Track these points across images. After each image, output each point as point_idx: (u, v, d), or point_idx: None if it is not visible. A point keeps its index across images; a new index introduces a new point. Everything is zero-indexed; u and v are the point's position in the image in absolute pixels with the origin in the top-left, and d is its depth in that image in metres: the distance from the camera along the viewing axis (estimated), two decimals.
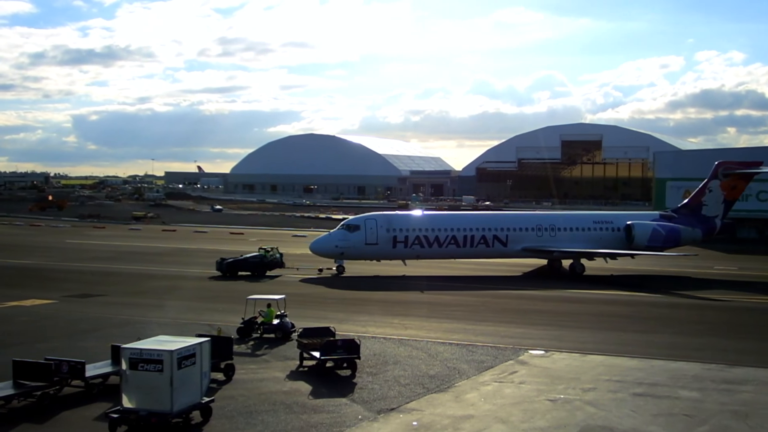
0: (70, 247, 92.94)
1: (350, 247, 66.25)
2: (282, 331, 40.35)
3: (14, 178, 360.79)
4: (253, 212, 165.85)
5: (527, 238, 70.28)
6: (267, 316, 41.18)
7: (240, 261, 66.68)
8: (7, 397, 27.60)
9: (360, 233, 66.36)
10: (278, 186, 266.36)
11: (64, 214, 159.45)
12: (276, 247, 69.24)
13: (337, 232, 67.94)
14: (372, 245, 66.40)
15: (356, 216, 72.65)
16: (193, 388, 25.71)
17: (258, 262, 66.43)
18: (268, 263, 66.58)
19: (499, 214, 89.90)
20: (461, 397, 29.24)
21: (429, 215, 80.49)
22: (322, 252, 67.73)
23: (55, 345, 37.04)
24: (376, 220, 67.96)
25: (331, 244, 67.18)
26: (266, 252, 67.31)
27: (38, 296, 53.78)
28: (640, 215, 77.40)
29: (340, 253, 66.65)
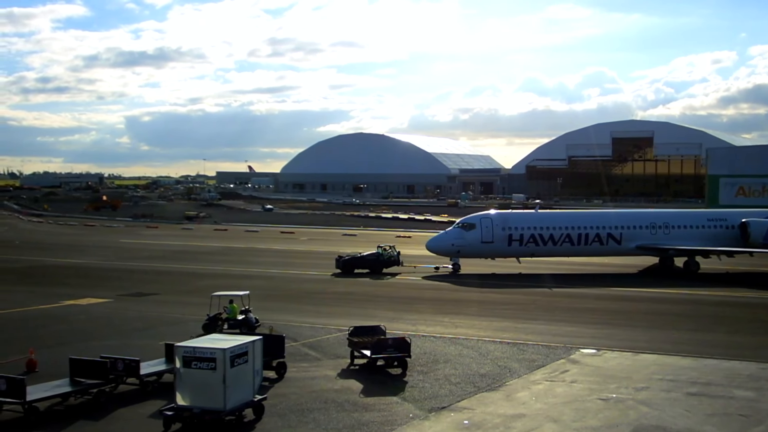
0: (124, 247, 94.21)
1: (466, 245, 66.59)
2: (246, 326, 41.04)
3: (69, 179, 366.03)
4: (303, 211, 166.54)
5: (641, 236, 69.62)
6: (231, 312, 41.74)
7: (357, 258, 67.53)
8: (64, 395, 28.10)
9: (476, 231, 66.70)
10: (328, 185, 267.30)
11: (117, 214, 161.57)
12: (393, 246, 69.61)
13: (453, 231, 68.51)
14: (488, 243, 66.67)
15: (472, 214, 72.80)
16: (246, 386, 25.92)
17: (375, 260, 66.96)
18: (385, 261, 67.00)
19: (612, 211, 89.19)
20: (512, 396, 29.14)
21: (544, 213, 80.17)
22: (439, 250, 68.39)
23: (110, 343, 37.58)
24: (491, 219, 68.33)
25: (448, 242, 67.72)
26: (383, 250, 67.66)
27: (93, 295, 54.63)
28: (753, 213, 75.70)
29: (456, 251, 67.00)
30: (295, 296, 54.85)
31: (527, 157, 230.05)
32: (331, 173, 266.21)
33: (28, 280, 63.83)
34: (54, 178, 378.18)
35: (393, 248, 68.66)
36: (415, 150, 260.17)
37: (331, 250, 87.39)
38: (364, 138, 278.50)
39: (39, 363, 32.86)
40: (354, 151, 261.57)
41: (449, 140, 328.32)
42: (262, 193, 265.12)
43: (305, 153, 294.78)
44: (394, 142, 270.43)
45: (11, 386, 26.16)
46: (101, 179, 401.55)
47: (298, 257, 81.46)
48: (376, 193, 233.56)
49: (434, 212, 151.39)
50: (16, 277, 65.25)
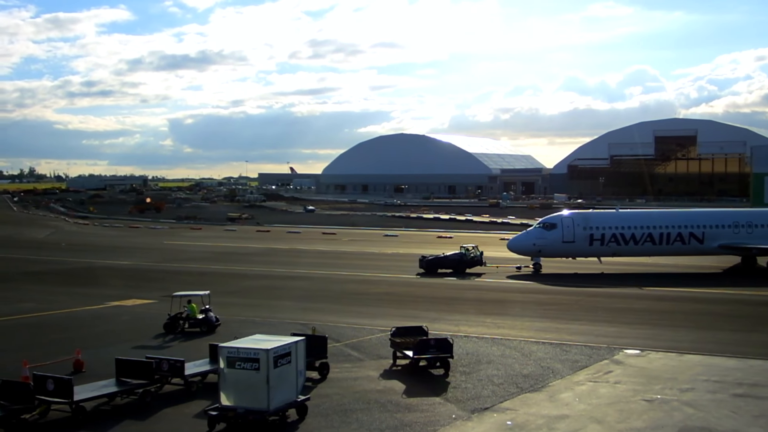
0: (168, 248, 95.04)
1: (547, 245, 66.70)
2: (206, 325, 42.17)
3: (114, 182, 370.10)
4: (344, 212, 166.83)
5: (724, 235, 68.84)
6: (191, 311, 42.62)
7: (440, 259, 67.64)
8: (110, 395, 28.48)
9: (557, 231, 66.73)
10: (369, 186, 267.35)
11: (161, 215, 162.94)
12: (476, 246, 69.53)
13: (535, 230, 68.69)
14: (569, 243, 66.66)
15: (553, 214, 72.79)
16: (289, 387, 26.06)
17: (458, 260, 67.05)
18: (468, 261, 67.03)
19: (694, 211, 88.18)
20: (555, 397, 29.01)
21: (625, 213, 79.59)
22: (520, 250, 68.47)
23: (155, 344, 37.99)
24: (573, 219, 68.24)
25: (529, 242, 67.87)
26: (466, 250, 67.68)
27: (138, 296, 55.24)
28: None
29: (537, 251, 67.11)
30: (337, 297, 55.02)
31: (569, 157, 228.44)
32: (372, 174, 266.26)
33: (74, 281, 64.67)
34: (99, 180, 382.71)
35: (476, 248, 68.52)
36: (456, 150, 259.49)
37: (372, 251, 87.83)
38: (405, 139, 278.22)
39: (86, 363, 33.31)
40: (395, 151, 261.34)
41: (490, 140, 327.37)
42: (304, 194, 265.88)
43: (346, 154, 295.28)
44: (434, 142, 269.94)
45: (59, 386, 26.54)
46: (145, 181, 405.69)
47: (341, 258, 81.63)
48: (417, 194, 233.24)
49: (475, 212, 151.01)
50: (63, 279, 66.12)
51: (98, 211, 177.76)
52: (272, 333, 31.32)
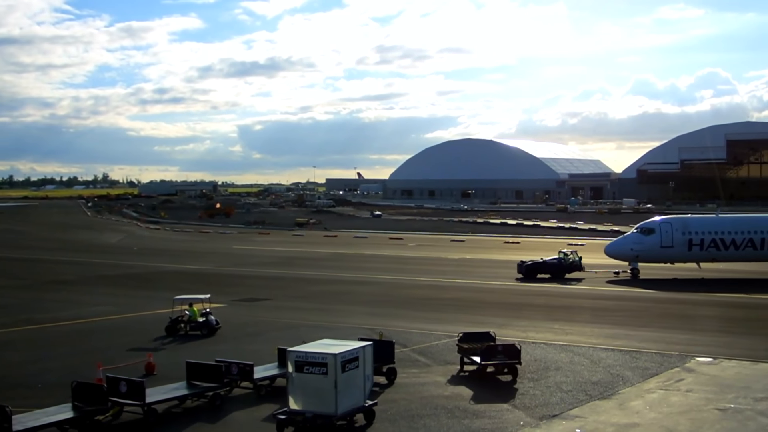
0: (237, 253, 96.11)
1: (645, 250, 66.14)
2: (207, 328, 43.10)
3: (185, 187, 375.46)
4: (411, 217, 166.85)
5: None
6: (192, 314, 43.54)
7: (539, 264, 67.40)
8: (181, 397, 28.90)
9: (655, 236, 66.15)
10: (436, 191, 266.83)
11: (231, 220, 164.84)
12: (575, 251, 69.19)
13: (632, 235, 68.19)
14: (667, 248, 66.03)
15: (651, 219, 72.04)
16: (357, 391, 26.15)
17: (557, 265, 66.87)
18: (567, 266, 66.80)
19: None
20: (625, 405, 28.62)
21: (725, 218, 77.50)
22: (617, 255, 68.13)
23: (224, 347, 38.38)
24: (671, 223, 67.46)
25: (627, 247, 67.52)
26: (565, 255, 67.50)
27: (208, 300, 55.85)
28: None
29: (635, 256, 66.60)
30: (404, 302, 55.07)
31: (638, 161, 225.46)
32: (439, 179, 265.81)
33: (146, 285, 65.75)
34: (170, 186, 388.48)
35: (575, 253, 68.00)
36: (524, 155, 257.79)
37: (439, 256, 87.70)
38: (472, 143, 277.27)
39: (157, 366, 33.84)
40: (462, 156, 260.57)
41: (558, 145, 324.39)
42: (371, 199, 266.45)
43: (413, 159, 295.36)
44: (502, 147, 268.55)
45: (132, 389, 27.01)
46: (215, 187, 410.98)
47: (408, 263, 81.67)
48: (484, 199, 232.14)
49: (543, 218, 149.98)
50: (135, 283, 67.28)
51: (169, 216, 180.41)
52: (340, 338, 31.45)
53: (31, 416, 25.53)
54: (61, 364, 36.34)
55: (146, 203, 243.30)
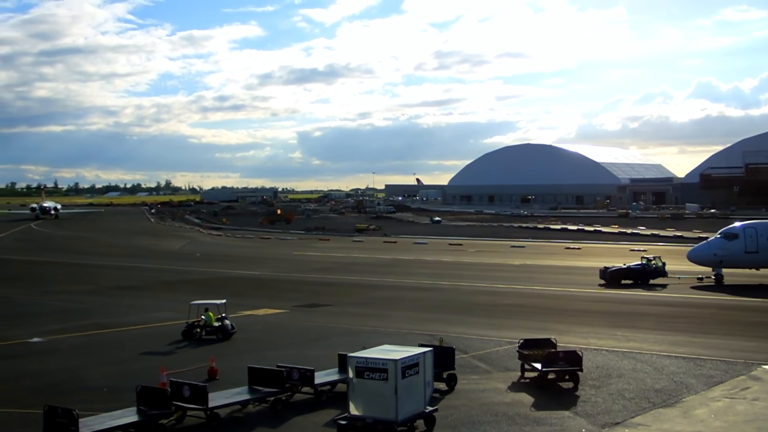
0: (298, 259, 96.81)
1: (729, 255, 65.27)
2: (222, 332, 43.68)
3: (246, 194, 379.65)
4: (470, 223, 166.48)
5: None
6: (207, 319, 43.93)
7: (623, 270, 66.89)
8: (243, 402, 29.18)
9: (739, 241, 65.26)
10: (495, 197, 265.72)
11: (291, 226, 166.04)
12: (659, 257, 68.64)
13: (716, 240, 67.35)
14: (752, 253, 65.00)
15: (734, 224, 70.94)
16: (417, 397, 26.15)
17: (641, 271, 66.38)
18: (651, 272, 66.25)
19: None
20: (690, 413, 28.21)
21: None
22: (700, 260, 67.38)
23: (285, 353, 38.58)
24: (756, 228, 66.48)
25: (710, 252, 66.72)
26: (648, 261, 67.06)
27: (270, 306, 56.45)
28: None
29: (718, 262, 65.78)
30: (465, 308, 54.96)
31: (701, 165, 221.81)
32: (498, 185, 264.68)
33: (208, 291, 66.34)
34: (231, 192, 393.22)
35: (658, 259, 67.32)
36: (584, 160, 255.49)
37: (499, 262, 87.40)
38: (531, 149, 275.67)
39: (219, 371, 34.20)
40: (521, 162, 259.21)
41: (618, 149, 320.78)
42: (430, 205, 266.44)
43: (472, 165, 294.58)
44: (561, 152, 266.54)
45: (195, 393, 27.35)
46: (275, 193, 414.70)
47: (468, 269, 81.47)
48: (544, 204, 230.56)
49: (604, 223, 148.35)
50: (198, 289, 67.91)
51: (230, 223, 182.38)
52: (400, 343, 31.51)
53: (97, 419, 25.99)
54: (125, 368, 36.94)
55: (208, 210, 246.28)
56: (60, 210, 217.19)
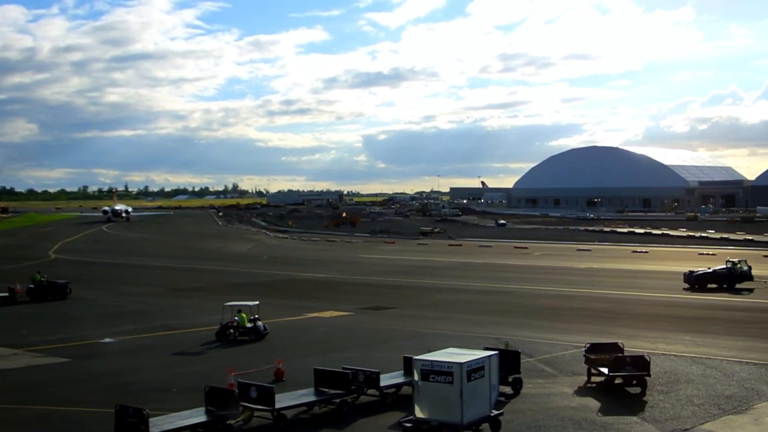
0: (363, 262, 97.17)
1: None
2: (255, 333, 44.66)
3: (311, 197, 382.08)
4: (536, 226, 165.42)
5: None
6: (240, 320, 44.82)
7: (708, 274, 66.32)
8: (309, 404, 29.42)
9: None
10: (561, 200, 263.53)
11: (356, 229, 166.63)
12: (744, 260, 67.78)
13: None
14: None
15: None
16: (483, 401, 26.12)
17: (726, 275, 65.67)
18: (738, 275, 65.53)
19: None
20: (761, 420, 27.71)
21: None
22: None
23: (351, 355, 38.83)
24: None
25: None
26: (734, 265, 66.32)
27: (335, 308, 56.77)
28: None
29: None
30: (530, 312, 54.68)
31: None
32: (564, 188, 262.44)
33: (275, 293, 67.05)
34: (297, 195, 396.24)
35: (744, 262, 66.40)
36: (651, 162, 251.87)
37: (565, 266, 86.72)
38: (597, 151, 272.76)
39: (286, 372, 34.52)
40: (587, 164, 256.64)
41: (687, 152, 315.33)
42: (495, 208, 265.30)
43: (537, 167, 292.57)
44: (628, 154, 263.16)
45: (262, 394, 27.68)
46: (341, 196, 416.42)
47: (533, 272, 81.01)
48: (611, 207, 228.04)
49: (672, 226, 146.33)
50: (265, 291, 68.55)
51: (296, 225, 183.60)
52: (465, 347, 31.48)
53: (167, 419, 26.43)
54: (193, 368, 37.56)
55: (274, 213, 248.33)
56: (131, 213, 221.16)
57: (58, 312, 57.46)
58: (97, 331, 48.40)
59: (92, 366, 38.65)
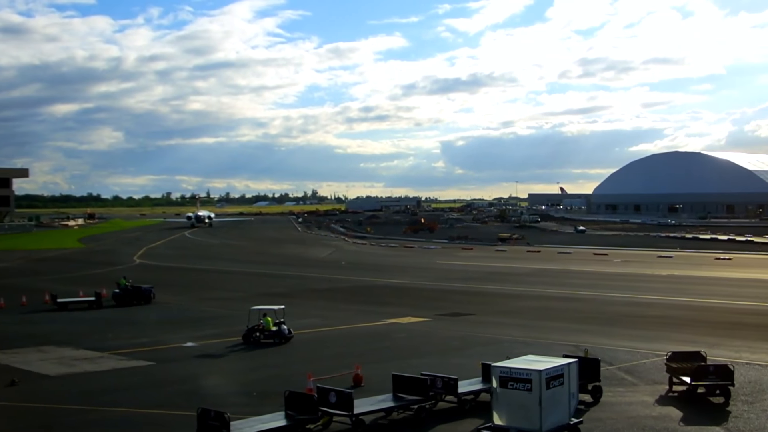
0: (441, 268, 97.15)
1: None
2: (279, 336, 45.94)
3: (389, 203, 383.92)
4: (616, 232, 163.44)
5: None
6: (266, 324, 46.19)
7: None
8: (387, 409, 29.59)
9: None
10: (641, 206, 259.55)
11: (434, 236, 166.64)
12: None
13: None
14: None
15: None
16: (562, 409, 25.99)
17: None
18: None
19: None
20: None
21: None
22: None
23: (428, 361, 38.88)
24: None
25: None
26: None
27: (413, 314, 56.90)
28: None
29: None
30: (610, 319, 54.09)
31: None
32: (645, 194, 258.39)
33: (353, 299, 67.55)
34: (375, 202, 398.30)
35: None
36: (734, 168, 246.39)
37: (645, 273, 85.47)
38: (679, 156, 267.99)
39: (364, 378, 34.78)
40: (668, 170, 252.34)
41: None
42: (574, 214, 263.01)
43: (617, 173, 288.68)
44: (710, 159, 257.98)
45: (341, 399, 27.93)
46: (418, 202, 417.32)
47: (613, 279, 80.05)
48: (692, 214, 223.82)
49: (757, 233, 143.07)
50: (343, 296, 69.23)
51: (374, 231, 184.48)
52: (544, 354, 31.34)
53: (247, 423, 26.86)
54: (273, 373, 38.05)
55: (353, 219, 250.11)
56: (213, 219, 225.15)
57: (141, 316, 58.74)
58: (180, 335, 49.37)
59: (175, 369, 39.49)
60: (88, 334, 50.06)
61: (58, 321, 56.89)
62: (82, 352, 43.77)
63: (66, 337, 48.86)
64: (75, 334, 50.30)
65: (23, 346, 45.91)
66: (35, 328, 53.55)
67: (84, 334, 50.36)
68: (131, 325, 54.49)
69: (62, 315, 59.95)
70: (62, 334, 50.20)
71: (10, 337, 49.20)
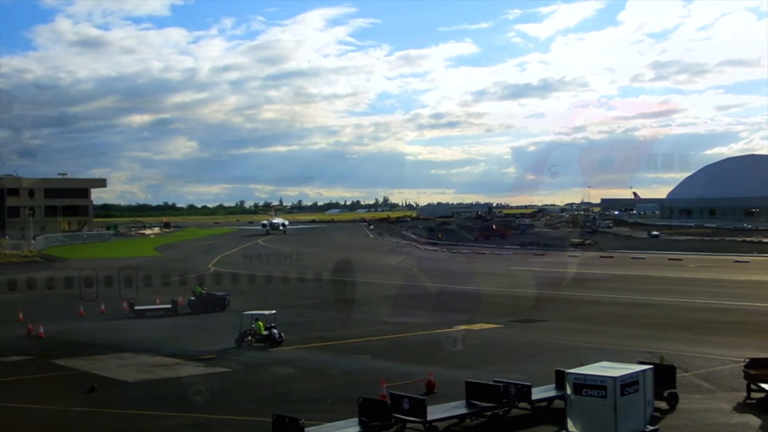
0: (514, 274, 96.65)
1: None
2: (270, 340, 48.23)
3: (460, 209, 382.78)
4: (690, 237, 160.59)
5: None
6: (257, 328, 48.44)
7: None
8: (461, 416, 29.74)
9: None
10: (717, 210, 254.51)
11: (506, 242, 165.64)
12: None
13: None
14: None
15: None
16: (637, 416, 25.84)
17: None
18: None
19: None
20: None
21: None
22: None
23: (501, 368, 38.91)
24: None
25: None
26: None
27: (486, 321, 56.79)
28: None
29: None
30: (686, 325, 53.36)
31: None
32: (720, 198, 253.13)
33: (426, 305, 67.46)
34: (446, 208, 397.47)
35: None
36: None
37: (722, 278, 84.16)
38: (755, 160, 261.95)
39: (437, 384, 34.90)
40: (744, 173, 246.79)
41: None
42: (648, 219, 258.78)
43: (692, 177, 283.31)
44: None
45: (414, 406, 28.13)
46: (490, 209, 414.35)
47: (688, 284, 78.87)
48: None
49: None
50: (416, 303, 69.16)
51: (446, 238, 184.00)
52: (619, 360, 31.15)
53: (321, 429, 27.26)
54: (347, 379, 38.44)
55: (424, 225, 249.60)
56: (287, 226, 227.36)
57: (216, 323, 59.65)
58: None
59: (250, 375, 40.18)
60: (165, 341, 51.12)
61: (136, 328, 58.21)
62: (159, 359, 44.80)
63: (143, 344, 50.01)
64: (152, 340, 51.43)
65: (102, 353, 47.17)
66: (114, 335, 54.89)
67: (161, 340, 51.45)
68: (206, 332, 55.45)
69: (139, 322, 61.37)
70: (140, 341, 51.37)
71: (90, 344, 50.53)
